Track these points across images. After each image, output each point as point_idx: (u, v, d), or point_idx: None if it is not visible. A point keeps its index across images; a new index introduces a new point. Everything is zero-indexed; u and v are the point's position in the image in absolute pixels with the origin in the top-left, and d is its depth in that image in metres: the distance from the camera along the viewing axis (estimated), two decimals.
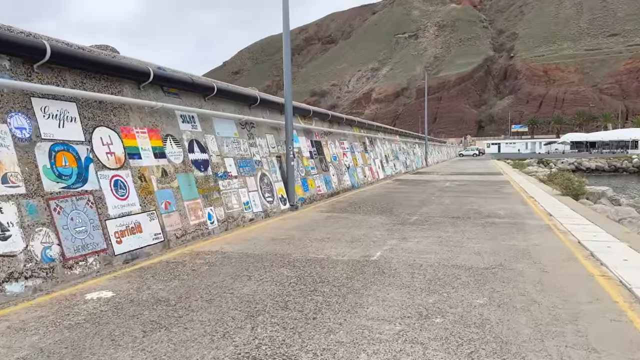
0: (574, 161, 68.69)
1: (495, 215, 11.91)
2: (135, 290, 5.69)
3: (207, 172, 9.62)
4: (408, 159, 35.87)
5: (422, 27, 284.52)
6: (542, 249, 7.94)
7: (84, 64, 7.12)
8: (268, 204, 11.84)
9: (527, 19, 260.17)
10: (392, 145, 31.08)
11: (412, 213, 12.54)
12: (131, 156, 7.71)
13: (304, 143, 15.75)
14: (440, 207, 13.67)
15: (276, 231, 9.81)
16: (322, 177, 16.31)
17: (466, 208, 13.47)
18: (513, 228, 10.05)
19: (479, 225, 10.40)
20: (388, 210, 13.21)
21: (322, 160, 16.90)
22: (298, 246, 8.23)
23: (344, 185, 18.58)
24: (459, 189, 19.86)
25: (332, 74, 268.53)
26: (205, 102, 10.33)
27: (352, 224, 10.66)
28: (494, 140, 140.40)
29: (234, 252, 7.73)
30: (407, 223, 10.82)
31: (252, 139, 12.00)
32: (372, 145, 25.28)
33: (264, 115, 13.22)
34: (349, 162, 20.12)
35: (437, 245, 8.23)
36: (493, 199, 15.86)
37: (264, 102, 12.83)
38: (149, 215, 7.69)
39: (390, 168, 27.96)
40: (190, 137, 9.41)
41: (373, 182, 22.95)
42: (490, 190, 18.86)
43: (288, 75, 13.08)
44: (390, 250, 7.87)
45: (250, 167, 11.49)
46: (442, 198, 16.21)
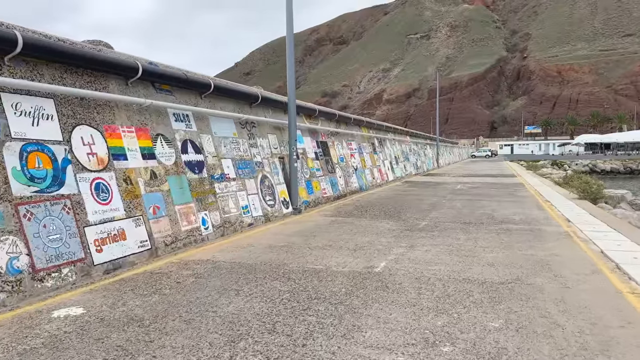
0: (588, 163, 67.33)
1: (509, 221, 11.21)
2: (109, 307, 5.11)
3: (201, 174, 9.05)
4: (419, 160, 35.12)
5: (434, 27, 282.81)
6: (562, 259, 7.25)
7: (63, 57, 6.57)
8: (269, 208, 11.25)
9: (540, 19, 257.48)
10: (402, 146, 30.38)
11: (422, 218, 11.88)
12: (116, 157, 7.15)
13: (309, 144, 15.14)
14: (451, 212, 12.99)
15: (275, 237, 9.21)
16: (328, 179, 15.69)
17: (479, 212, 12.78)
18: (530, 235, 9.36)
19: (492, 232, 9.71)
20: (396, 214, 12.56)
21: (328, 162, 16.29)
22: (296, 255, 7.62)
23: (352, 188, 17.94)
24: (471, 191, 19.13)
25: (344, 74, 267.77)
26: (202, 100, 9.77)
27: (356, 230, 10.03)
28: (507, 142, 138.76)
29: (226, 262, 7.13)
30: (416, 229, 10.16)
31: (252, 140, 11.41)
32: (382, 146, 24.61)
33: (266, 115, 12.64)
34: (357, 164, 19.48)
35: (447, 255, 7.57)
36: (507, 202, 15.13)
37: (265, 100, 12.25)
38: (134, 221, 7.12)
39: (400, 170, 27.27)
40: (183, 137, 8.84)
41: (382, 184, 22.28)
42: (504, 194, 18.11)
43: (291, 72, 12.48)
44: (395, 260, 7.22)
45: (250, 169, 10.91)
46: (453, 201, 15.51)
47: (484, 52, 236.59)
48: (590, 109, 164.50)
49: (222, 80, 10.68)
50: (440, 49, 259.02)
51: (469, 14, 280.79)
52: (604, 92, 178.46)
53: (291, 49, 12.43)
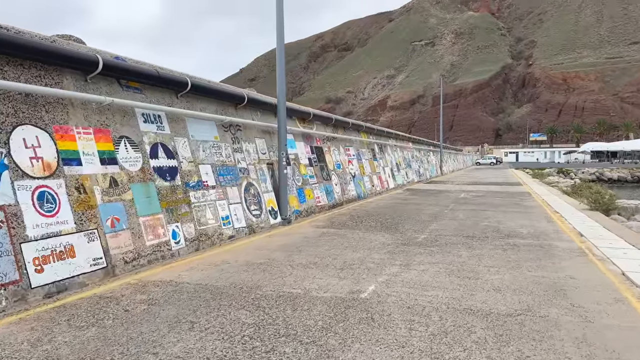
0: (595, 171, 66.18)
1: (517, 235, 10.24)
2: (30, 345, 4.19)
3: (174, 181, 8.14)
4: (421, 167, 34.15)
5: (439, 34, 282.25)
6: (578, 283, 6.29)
7: (3, 47, 5.69)
8: (254, 218, 10.32)
9: (546, 26, 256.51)
10: (405, 152, 29.43)
11: (421, 230, 10.92)
12: (67, 162, 6.25)
13: (303, 149, 14.23)
14: (453, 223, 12.03)
15: (256, 252, 8.27)
16: (322, 187, 14.76)
17: (483, 225, 11.81)
18: (540, 252, 8.39)
19: (498, 248, 8.76)
20: (393, 226, 11.61)
21: (324, 168, 15.36)
22: (274, 275, 6.68)
23: (349, 196, 17.00)
24: (475, 201, 18.16)
25: (348, 81, 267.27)
26: (178, 99, 8.87)
27: (348, 244, 9.08)
28: (512, 149, 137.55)
29: (191, 283, 6.20)
30: (413, 243, 9.21)
31: (237, 144, 10.51)
32: (382, 153, 23.67)
33: (254, 117, 11.74)
34: (355, 171, 18.55)
35: (446, 276, 6.62)
36: (513, 213, 14.15)
37: (253, 102, 11.35)
38: (87, 235, 6.21)
39: (401, 177, 26.31)
40: (154, 140, 7.94)
41: (382, 192, 21.33)
42: (509, 203, 17.13)
43: (282, 71, 11.59)
44: (387, 282, 6.28)
45: (233, 176, 9.99)
46: (456, 212, 14.55)
47: (488, 59, 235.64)
48: (596, 117, 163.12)
49: (203, 79, 9.79)
50: (445, 56, 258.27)
51: (474, 21, 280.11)
52: (610, 100, 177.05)
53: (281, 45, 11.55)
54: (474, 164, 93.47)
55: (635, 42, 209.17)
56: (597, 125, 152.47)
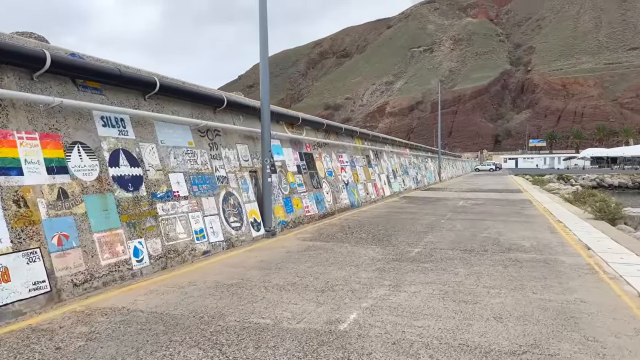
0: (595, 177, 65.52)
1: (518, 248, 9.43)
2: None
3: (138, 191, 7.33)
4: (419, 174, 33.37)
5: (437, 40, 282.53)
6: (591, 309, 5.48)
7: None
8: (233, 231, 9.50)
9: (544, 32, 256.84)
10: (401, 159, 28.65)
11: (415, 243, 10.11)
12: (4, 172, 5.45)
13: (290, 155, 13.44)
14: (450, 235, 11.22)
15: (230, 271, 7.45)
16: (312, 196, 13.96)
17: (482, 236, 11.00)
18: (544, 269, 7.59)
19: (498, 264, 7.95)
20: (386, 238, 10.79)
21: (314, 176, 14.56)
22: (244, 299, 5.86)
23: (341, 205, 16.19)
24: (474, 209, 17.35)
25: (346, 87, 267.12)
26: (145, 101, 8.08)
27: (334, 260, 8.27)
28: (511, 155, 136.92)
29: (145, 312, 5.38)
30: (406, 259, 8.40)
31: (215, 150, 9.71)
32: (378, 159, 22.89)
33: (236, 122, 10.94)
34: (348, 178, 17.75)
35: (440, 300, 5.81)
36: (514, 223, 13.35)
37: (233, 105, 10.56)
38: (26, 255, 5.40)
39: (398, 184, 25.51)
40: (114, 146, 7.14)
41: (377, 200, 20.52)
42: (510, 212, 16.32)
43: (265, 70, 10.81)
44: (371, 309, 5.46)
45: (210, 185, 9.18)
46: (453, 221, 13.74)
47: (487, 66, 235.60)
48: (595, 123, 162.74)
49: (177, 80, 9.00)
50: (444, 62, 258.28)
51: (473, 27, 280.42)
52: (609, 106, 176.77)
53: (265, 39, 10.77)
54: (473, 171, 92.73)
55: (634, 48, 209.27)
56: (596, 131, 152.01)
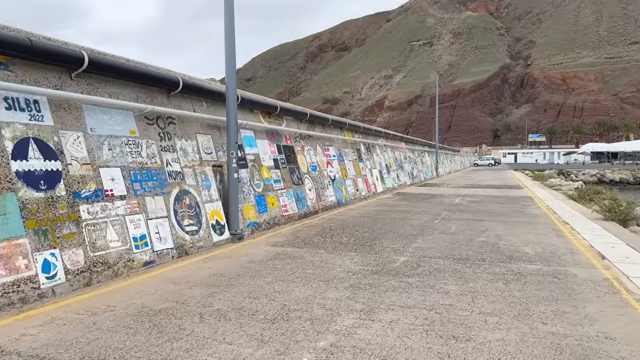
0: (596, 172, 64.20)
1: (521, 257, 8.06)
2: None
3: (54, 191, 5.93)
4: (415, 169, 31.97)
5: (436, 34, 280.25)
6: (621, 351, 4.10)
7: None
8: (187, 236, 8.11)
9: (544, 26, 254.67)
10: (396, 153, 27.24)
11: (402, 249, 8.74)
12: None
13: (266, 148, 12.03)
14: (443, 239, 9.85)
15: (168, 288, 6.06)
16: (291, 193, 12.56)
17: (479, 240, 9.63)
18: (554, 286, 6.22)
19: (498, 279, 6.58)
20: (369, 242, 9.42)
21: (294, 171, 13.16)
22: (165, 335, 4.47)
23: (326, 202, 14.80)
24: (471, 207, 15.97)
25: (345, 81, 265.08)
26: (72, 80, 6.66)
27: (301, 273, 6.90)
28: (511, 150, 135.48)
29: (23, 354, 4.00)
30: (388, 270, 7.03)
31: (167, 141, 8.30)
32: (369, 153, 21.48)
33: (198, 109, 9.53)
34: (335, 173, 16.35)
35: (422, 336, 4.43)
36: (515, 224, 11.98)
37: (193, 89, 9.14)
38: None
39: (391, 180, 24.11)
40: (22, 134, 5.73)
41: (368, 197, 19.14)
42: (510, 211, 14.95)
43: (231, 46, 9.38)
44: (331, 351, 4.08)
45: (158, 182, 7.78)
46: (448, 222, 12.37)
47: (487, 60, 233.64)
48: (595, 117, 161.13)
49: (119, 58, 7.57)
50: (443, 56, 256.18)
51: (472, 21, 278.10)
52: (609, 100, 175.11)
53: (231, 18, 9.33)
54: (472, 165, 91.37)
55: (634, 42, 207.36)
56: (596, 126, 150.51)
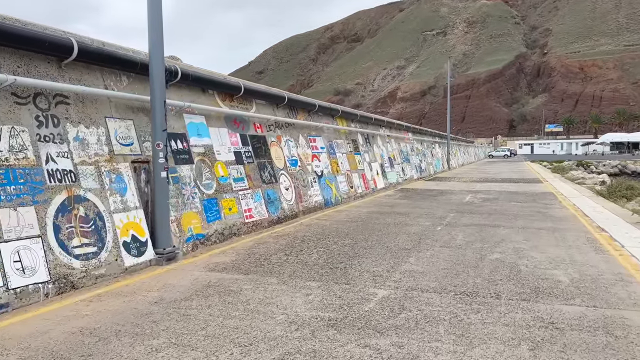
0: (617, 164, 60.81)
1: (552, 290, 5.60)
2: None
3: None
4: (424, 161, 29.38)
5: (450, 23, 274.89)
6: None
7: None
8: (78, 262, 5.75)
9: (561, 14, 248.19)
10: (401, 144, 24.69)
11: (385, 274, 6.32)
12: None
13: (225, 138, 9.63)
14: (444, 256, 7.40)
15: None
16: (259, 194, 10.16)
17: (493, 259, 7.17)
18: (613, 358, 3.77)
19: (520, 339, 4.15)
20: (344, 262, 7.02)
21: (265, 167, 10.76)
22: None
23: (309, 204, 12.39)
24: (484, 207, 13.44)
25: (357, 72, 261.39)
26: None
27: (216, 326, 4.51)
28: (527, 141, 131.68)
29: None
30: (353, 320, 4.62)
31: (51, 128, 5.94)
32: (369, 145, 18.99)
33: (113, 85, 7.14)
34: (323, 168, 13.91)
35: None
36: (539, 232, 9.46)
37: (99, 57, 6.74)
38: None
39: (395, 174, 21.59)
40: None
41: (365, 195, 16.67)
42: (531, 212, 12.40)
43: (156, 4, 6.98)
44: None
45: (28, 186, 5.43)
46: (454, 229, 9.89)
47: (502, 49, 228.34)
48: (615, 106, 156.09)
49: None
50: (457, 45, 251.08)
51: (487, 9, 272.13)
52: (629, 89, 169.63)
53: None
54: (487, 157, 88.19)
55: None
56: (616, 115, 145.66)
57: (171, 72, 7.93)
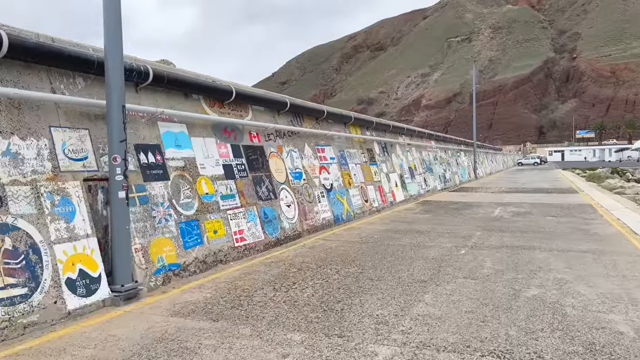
0: None
1: (613, 349, 4.12)
2: None
3: None
4: (448, 171, 27.76)
5: (475, 29, 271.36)
6: None
7: None
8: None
9: (590, 17, 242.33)
10: (423, 153, 23.18)
11: (392, 322, 4.94)
12: None
13: (212, 150, 8.41)
14: (468, 292, 5.96)
15: None
16: (253, 213, 8.89)
17: (529, 297, 5.71)
18: None
19: None
20: (342, 301, 5.66)
21: (262, 181, 9.49)
22: None
23: (316, 221, 11.07)
24: (515, 224, 11.89)
25: (380, 81, 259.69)
26: None
27: None
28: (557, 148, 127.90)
29: None
30: None
31: None
32: (386, 154, 17.59)
33: (64, 87, 5.97)
34: (333, 181, 12.59)
35: None
36: (583, 256, 7.92)
37: (36, 53, 5.57)
38: None
39: (416, 185, 20.10)
40: None
41: (382, 209, 15.26)
42: (570, 229, 10.82)
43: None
44: None
45: None
46: (481, 252, 8.42)
47: (529, 54, 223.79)
48: None
49: None
50: (483, 51, 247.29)
51: (513, 15, 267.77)
52: None
53: None
54: (515, 165, 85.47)
55: None
56: None
57: (140, 72, 6.76)
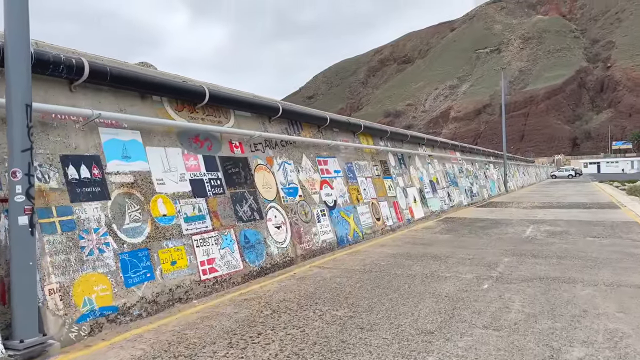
0: None
1: None
2: None
3: None
4: (475, 184, 25.84)
5: (504, 40, 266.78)
6: None
7: None
8: None
9: (625, 25, 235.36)
10: (447, 166, 21.41)
11: None
12: None
13: (177, 162, 6.99)
14: (487, 353, 4.29)
15: None
16: (231, 237, 7.41)
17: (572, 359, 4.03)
18: None
19: None
20: None
21: (245, 199, 8.02)
22: None
23: (315, 244, 9.51)
24: (550, 247, 10.07)
25: (408, 93, 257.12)
26: None
27: None
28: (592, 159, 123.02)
29: None
30: None
31: None
32: (403, 166, 15.94)
33: None
34: (337, 197, 11.03)
35: None
36: (635, 292, 6.15)
37: None
38: None
39: (438, 200, 18.34)
40: None
41: (397, 228, 13.59)
42: (617, 254, 8.96)
43: None
44: None
45: None
46: (508, 286, 6.71)
47: (561, 64, 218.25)
48: None
49: None
50: (512, 62, 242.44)
51: (543, 25, 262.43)
52: None
53: None
54: (549, 177, 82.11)
55: None
56: None
57: (70, 67, 5.41)
